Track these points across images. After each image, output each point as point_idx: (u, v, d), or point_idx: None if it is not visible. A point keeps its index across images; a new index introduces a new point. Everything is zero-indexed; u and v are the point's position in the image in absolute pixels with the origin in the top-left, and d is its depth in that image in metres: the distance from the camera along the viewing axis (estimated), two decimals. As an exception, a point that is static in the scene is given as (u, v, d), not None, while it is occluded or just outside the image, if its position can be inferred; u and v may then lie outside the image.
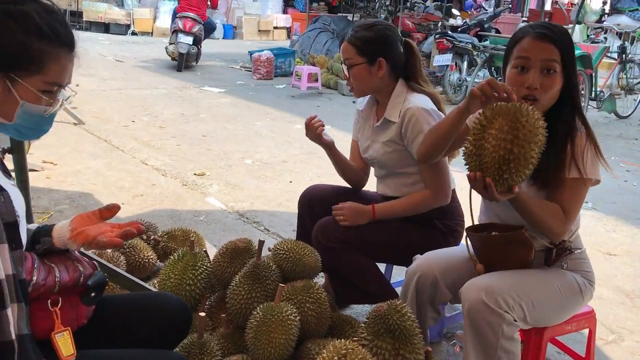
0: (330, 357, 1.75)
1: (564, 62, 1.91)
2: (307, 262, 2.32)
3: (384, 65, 2.42)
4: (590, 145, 1.94)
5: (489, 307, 1.86)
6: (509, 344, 1.88)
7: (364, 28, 2.45)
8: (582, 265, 2.11)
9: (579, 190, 1.94)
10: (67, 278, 1.48)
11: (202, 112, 7.35)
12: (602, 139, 7.49)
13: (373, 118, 2.58)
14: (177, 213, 3.99)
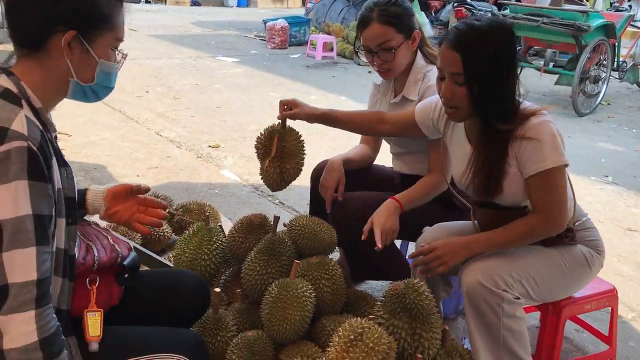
0: (346, 335, 1.74)
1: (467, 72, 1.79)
2: (323, 239, 2.29)
3: (419, 35, 2.32)
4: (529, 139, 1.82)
5: (486, 287, 1.84)
6: (513, 322, 1.86)
7: (391, 4, 2.28)
8: (586, 236, 2.04)
9: (545, 184, 1.84)
10: (105, 258, 1.51)
11: (217, 83, 7.30)
12: (623, 111, 7.42)
13: (390, 93, 2.50)
14: (192, 186, 3.98)
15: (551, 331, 2.16)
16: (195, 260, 2.28)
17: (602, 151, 5.59)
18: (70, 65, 1.35)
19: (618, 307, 2.31)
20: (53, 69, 1.35)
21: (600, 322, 2.51)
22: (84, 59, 1.36)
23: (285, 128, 2.27)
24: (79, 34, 1.33)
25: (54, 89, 1.38)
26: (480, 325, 1.90)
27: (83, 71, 1.38)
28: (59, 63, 1.34)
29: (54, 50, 1.33)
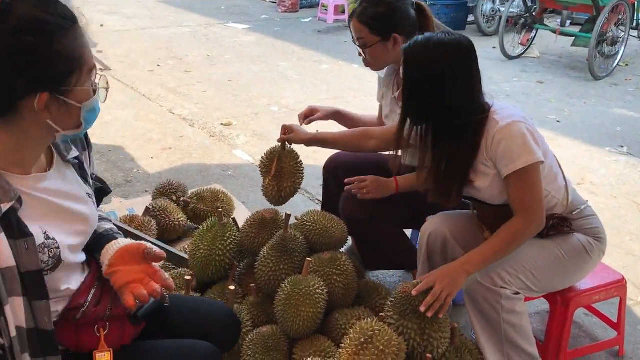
0: (357, 337, 1.79)
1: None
2: (334, 234, 2.33)
3: (400, 39, 2.31)
4: (498, 142, 1.85)
5: (484, 285, 1.92)
6: (513, 316, 1.92)
7: (374, 3, 2.30)
8: (584, 224, 2.06)
9: (520, 184, 1.87)
10: (117, 310, 1.45)
11: (227, 53, 7.25)
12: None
13: (393, 87, 2.50)
14: (205, 168, 4.01)
15: (560, 322, 2.20)
16: (210, 256, 2.33)
17: (617, 118, 5.51)
18: (52, 123, 1.24)
19: (627, 293, 2.35)
20: (29, 131, 1.24)
21: (610, 306, 2.54)
22: (65, 113, 1.26)
23: (284, 150, 2.43)
24: (52, 92, 1.21)
25: (32, 146, 1.28)
26: (482, 322, 1.97)
27: (69, 124, 1.28)
28: (38, 123, 1.24)
29: (28, 113, 1.21)
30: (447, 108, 1.87)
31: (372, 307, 2.29)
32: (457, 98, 1.86)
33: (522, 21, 7.69)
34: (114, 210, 3.13)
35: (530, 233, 1.92)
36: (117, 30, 7.90)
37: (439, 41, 1.86)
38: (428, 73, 1.85)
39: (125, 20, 8.62)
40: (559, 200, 2.01)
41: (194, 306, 1.76)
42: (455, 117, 1.88)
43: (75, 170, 1.43)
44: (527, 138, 1.84)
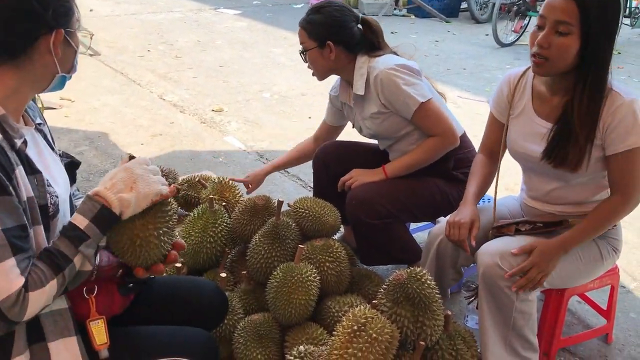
0: (350, 325, 1.77)
1: (585, 24, 1.74)
2: (327, 221, 2.31)
3: (334, 48, 2.37)
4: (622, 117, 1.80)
5: (504, 271, 1.87)
6: (525, 305, 1.90)
7: (314, 11, 2.40)
8: (611, 233, 2.06)
9: (630, 163, 1.84)
10: (105, 267, 1.44)
11: (218, 39, 7.18)
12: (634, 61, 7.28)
13: (350, 99, 2.52)
14: (196, 154, 3.97)
15: (554, 310, 2.19)
16: (201, 243, 2.31)
17: (610, 106, 5.51)
18: (57, 63, 1.34)
19: (619, 281, 2.35)
20: (33, 72, 1.33)
21: (602, 293, 2.54)
22: (66, 53, 1.36)
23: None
24: (66, 31, 1.33)
25: (28, 91, 1.36)
26: (493, 307, 1.93)
27: (66, 63, 1.38)
28: (43, 64, 1.33)
29: (37, 54, 1.31)
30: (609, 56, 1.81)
31: (365, 295, 2.28)
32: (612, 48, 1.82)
33: (516, 8, 7.66)
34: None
35: (625, 212, 1.91)
36: (106, 15, 7.81)
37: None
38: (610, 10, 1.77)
39: (115, 5, 8.51)
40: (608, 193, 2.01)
41: (180, 283, 1.77)
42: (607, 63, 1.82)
43: (43, 139, 1.48)
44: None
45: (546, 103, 1.97)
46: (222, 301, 1.80)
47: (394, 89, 2.30)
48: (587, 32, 1.75)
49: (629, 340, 2.43)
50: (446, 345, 1.91)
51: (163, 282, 1.72)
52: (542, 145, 1.94)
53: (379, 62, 2.36)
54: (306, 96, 5.28)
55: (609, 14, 1.76)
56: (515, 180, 3.34)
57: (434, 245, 2.14)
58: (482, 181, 2.17)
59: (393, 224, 2.39)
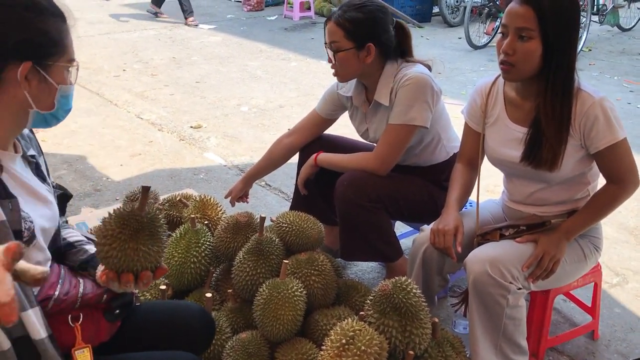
0: (338, 339, 1.77)
1: (544, 28, 1.81)
2: (310, 235, 2.30)
3: (373, 50, 2.29)
4: (597, 115, 1.86)
5: (493, 279, 1.88)
6: (515, 311, 1.91)
7: (354, 8, 2.27)
8: (592, 231, 2.10)
9: (617, 155, 1.90)
10: (90, 295, 1.45)
11: (194, 54, 7.16)
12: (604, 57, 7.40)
13: (364, 103, 2.49)
14: (176, 172, 3.95)
15: (540, 311, 2.21)
16: (185, 263, 2.29)
17: (584, 103, 5.58)
18: (28, 97, 1.31)
19: (602, 277, 2.38)
20: (8, 103, 1.31)
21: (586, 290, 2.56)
22: (42, 88, 1.33)
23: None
24: (35, 64, 1.29)
25: (9, 122, 1.34)
26: (483, 314, 1.94)
27: (43, 100, 1.34)
28: (15, 96, 1.30)
29: (8, 84, 1.29)
30: (572, 57, 1.88)
31: (352, 306, 2.27)
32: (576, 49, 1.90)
33: (486, 11, 7.76)
34: (84, 220, 3.05)
35: (627, 196, 1.96)
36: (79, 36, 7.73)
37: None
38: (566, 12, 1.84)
39: (88, 26, 8.45)
40: (589, 194, 2.05)
41: (165, 308, 1.75)
42: (572, 65, 1.88)
43: (31, 169, 1.46)
44: (617, 114, 1.89)
45: (519, 108, 2.01)
46: (209, 324, 1.78)
47: (409, 94, 2.28)
48: (546, 35, 1.82)
49: (615, 336, 2.46)
50: (435, 353, 1.92)
51: (149, 308, 1.71)
52: (519, 149, 1.97)
53: (410, 69, 2.32)
54: (284, 108, 5.29)
55: (565, 17, 1.83)
56: (495, 182, 3.37)
57: (419, 253, 2.14)
58: (463, 188, 2.19)
59: (380, 212, 2.38)
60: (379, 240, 2.45)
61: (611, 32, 8.77)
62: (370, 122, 2.49)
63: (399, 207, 2.42)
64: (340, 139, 2.73)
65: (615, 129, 1.87)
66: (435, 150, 2.47)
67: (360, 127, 2.57)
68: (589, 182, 2.04)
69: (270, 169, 2.82)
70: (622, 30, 8.81)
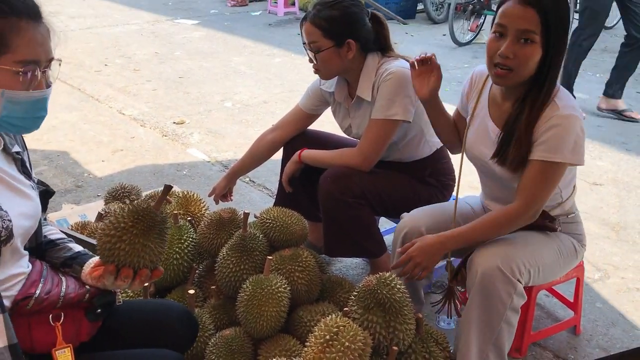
0: (322, 335, 1.76)
1: (546, 32, 1.75)
2: (294, 231, 2.29)
3: (354, 46, 2.29)
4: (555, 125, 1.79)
5: (504, 274, 1.83)
6: (513, 315, 1.90)
7: (327, 6, 2.25)
8: (575, 229, 2.11)
9: (544, 175, 1.82)
10: (72, 294, 1.42)
11: (177, 50, 7.10)
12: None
13: (346, 99, 2.49)
14: (159, 168, 3.91)
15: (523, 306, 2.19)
16: (167, 260, 2.26)
17: (567, 100, 5.63)
18: None
19: (585, 272, 2.39)
20: None
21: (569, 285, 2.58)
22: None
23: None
24: None
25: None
26: (483, 315, 1.89)
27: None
28: None
29: None
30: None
31: (337, 302, 2.27)
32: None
33: (471, 8, 7.78)
34: (64, 217, 3.01)
35: (522, 223, 1.90)
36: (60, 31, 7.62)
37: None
38: (566, 17, 1.77)
39: (69, 20, 8.34)
40: (562, 200, 2.03)
41: (148, 307, 1.73)
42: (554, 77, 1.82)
43: (17, 166, 1.43)
44: (581, 139, 1.81)
45: (498, 107, 1.99)
46: (192, 324, 1.76)
47: (391, 88, 2.27)
48: (548, 39, 1.75)
49: (597, 330, 2.48)
50: (419, 349, 1.92)
51: (131, 307, 1.68)
52: (492, 148, 1.94)
53: (391, 64, 2.31)
54: (268, 104, 5.26)
55: (564, 20, 1.77)
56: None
57: (399, 239, 2.14)
58: None
59: (364, 208, 2.37)
60: (363, 236, 2.44)
61: (593, 30, 8.84)
62: (353, 118, 2.48)
63: (382, 203, 2.41)
64: (324, 134, 2.72)
65: (559, 149, 1.78)
66: (419, 145, 2.47)
67: (344, 122, 2.56)
68: (559, 189, 1.98)
69: (254, 165, 2.79)
70: (605, 29, 8.87)
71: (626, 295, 2.73)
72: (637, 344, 2.37)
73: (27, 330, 1.37)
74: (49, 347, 1.38)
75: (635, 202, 3.64)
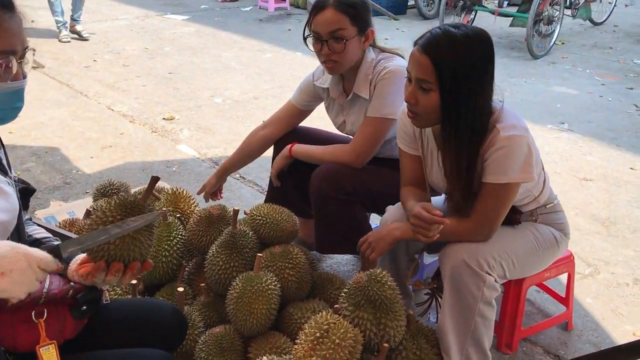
0: (312, 332, 1.75)
1: (441, 80, 1.74)
2: (285, 227, 2.27)
3: (372, 35, 2.24)
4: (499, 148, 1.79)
5: (470, 268, 1.86)
6: (487, 309, 1.90)
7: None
8: (555, 219, 2.10)
9: (496, 196, 1.86)
10: (55, 290, 1.38)
11: (167, 45, 7.05)
12: (577, 50, 7.48)
13: (341, 95, 2.44)
14: (148, 165, 3.88)
15: (513, 301, 2.22)
16: (156, 257, 2.25)
17: (557, 96, 5.65)
18: None
19: (575, 266, 2.39)
20: None
21: (559, 280, 2.59)
22: None
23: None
24: None
25: None
26: (456, 309, 1.91)
27: None
28: None
29: None
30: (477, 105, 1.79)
31: (327, 299, 2.26)
32: (485, 92, 1.80)
33: (462, 3, 7.77)
34: (52, 214, 2.98)
35: (470, 239, 1.91)
36: (50, 28, 7.56)
37: (464, 34, 1.75)
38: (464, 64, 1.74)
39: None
40: (535, 196, 2.03)
41: (136, 306, 1.70)
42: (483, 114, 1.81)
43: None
44: (528, 157, 1.81)
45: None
46: (181, 323, 1.72)
47: (388, 87, 2.23)
48: (443, 89, 1.75)
49: (587, 326, 2.49)
50: (410, 345, 1.91)
51: (119, 305, 1.65)
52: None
53: (389, 62, 2.26)
54: (259, 100, 5.24)
55: (466, 68, 1.74)
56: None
57: None
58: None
59: (355, 205, 2.35)
60: (354, 233, 2.42)
61: (583, 26, 8.87)
62: (347, 115, 2.46)
63: (374, 199, 2.39)
64: (315, 131, 2.70)
65: (506, 170, 1.80)
66: None
67: (337, 119, 2.53)
68: (528, 190, 1.98)
69: (245, 162, 2.76)
70: (594, 25, 8.91)
71: (616, 290, 2.73)
72: (626, 339, 2.38)
73: (9, 328, 1.34)
74: (32, 344, 1.34)
75: (625, 197, 3.65)
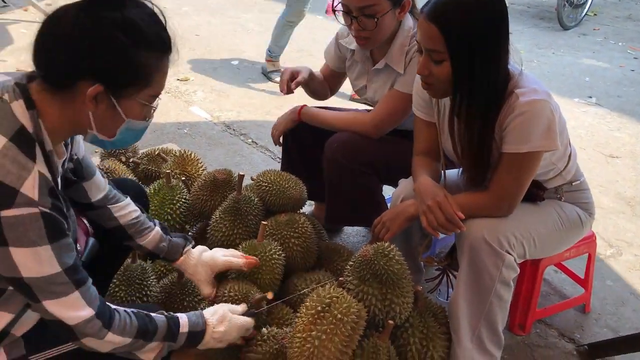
0: (314, 306, 1.66)
1: (452, 49, 1.61)
2: (292, 195, 2.18)
3: (409, 5, 2.08)
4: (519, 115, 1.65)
5: (490, 245, 1.74)
6: (504, 289, 1.79)
7: None
8: (580, 197, 1.97)
9: (515, 166, 1.72)
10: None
11: (185, 5, 6.89)
12: (609, 22, 7.19)
13: (367, 60, 2.29)
14: (160, 126, 3.79)
15: (530, 281, 2.12)
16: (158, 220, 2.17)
17: (586, 68, 5.42)
18: (91, 118, 1.24)
19: (597, 247, 2.27)
20: (75, 113, 1.24)
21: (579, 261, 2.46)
22: (109, 116, 1.25)
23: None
24: (107, 90, 1.21)
25: (69, 131, 1.30)
26: (471, 288, 1.80)
27: (106, 127, 1.28)
28: (81, 110, 1.23)
29: (81, 96, 1.20)
30: (493, 72, 1.66)
31: (334, 270, 2.17)
32: (500, 58, 1.67)
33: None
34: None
35: (489, 214, 1.78)
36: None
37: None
38: (475, 29, 1.61)
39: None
40: (559, 170, 1.89)
41: None
42: (492, 81, 1.68)
43: None
44: (552, 122, 1.66)
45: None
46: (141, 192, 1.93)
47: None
48: (455, 57, 1.63)
49: (606, 309, 2.37)
50: (416, 323, 1.82)
51: None
52: None
53: None
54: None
55: (477, 35, 1.61)
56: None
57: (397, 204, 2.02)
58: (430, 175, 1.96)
59: (371, 177, 2.24)
60: (367, 205, 2.32)
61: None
62: (370, 81, 2.32)
63: (389, 171, 2.27)
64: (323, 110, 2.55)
65: (526, 138, 1.66)
66: None
67: (358, 81, 2.39)
68: (552, 162, 1.85)
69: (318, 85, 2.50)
70: (630, -5, 8.55)
71: (638, 273, 2.61)
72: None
73: None
74: None
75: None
